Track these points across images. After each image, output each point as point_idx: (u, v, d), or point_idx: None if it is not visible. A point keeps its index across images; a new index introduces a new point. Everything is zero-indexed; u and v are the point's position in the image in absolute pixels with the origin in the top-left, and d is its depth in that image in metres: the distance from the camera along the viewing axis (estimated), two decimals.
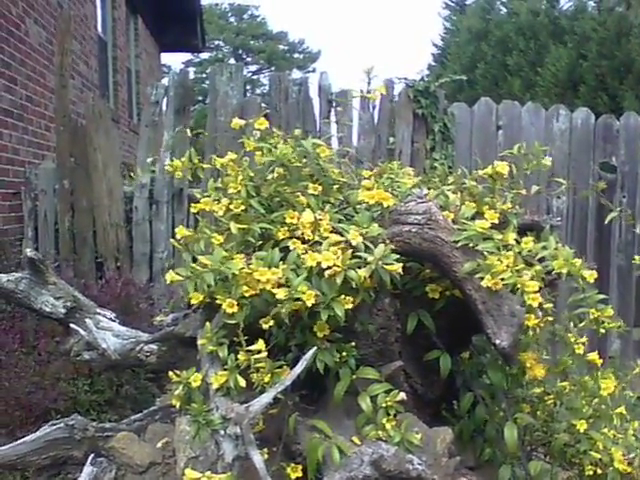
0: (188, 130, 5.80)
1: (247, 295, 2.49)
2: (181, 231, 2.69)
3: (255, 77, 28.08)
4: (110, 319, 3.16)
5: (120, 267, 6.50)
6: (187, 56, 24.75)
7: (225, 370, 2.45)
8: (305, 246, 2.62)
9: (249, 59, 27.55)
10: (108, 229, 6.48)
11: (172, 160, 2.99)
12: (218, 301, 2.51)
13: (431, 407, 3.07)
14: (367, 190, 2.57)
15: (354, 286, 2.41)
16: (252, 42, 28.21)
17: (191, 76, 8.25)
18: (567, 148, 6.96)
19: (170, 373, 2.55)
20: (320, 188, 2.78)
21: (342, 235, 2.54)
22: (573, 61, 12.08)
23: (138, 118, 10.62)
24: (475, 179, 2.86)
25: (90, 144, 6.48)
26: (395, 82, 6.83)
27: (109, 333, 2.99)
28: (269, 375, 2.46)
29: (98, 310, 3.15)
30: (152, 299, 6.06)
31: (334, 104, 6.73)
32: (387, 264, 2.40)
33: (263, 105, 6.69)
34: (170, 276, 2.56)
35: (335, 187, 2.89)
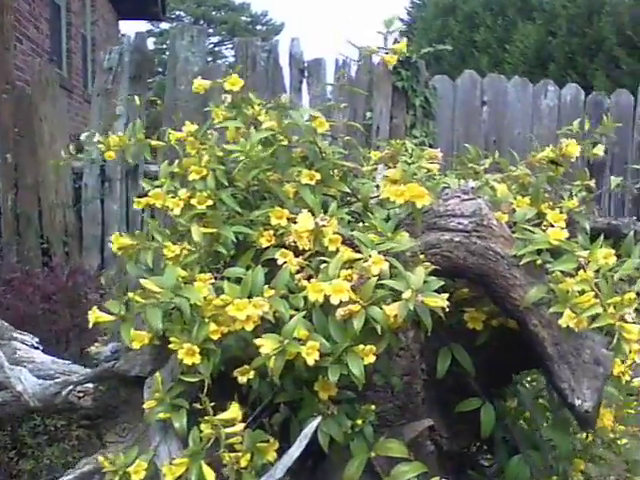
0: (140, 99, 4.85)
1: (216, 337, 1.57)
2: (118, 240, 1.76)
3: (217, 49, 26.68)
4: (32, 346, 2.22)
5: (68, 252, 5.53)
6: (147, 26, 23.17)
7: (184, 455, 1.53)
8: (300, 260, 1.72)
9: (211, 30, 26.16)
10: (55, 209, 5.49)
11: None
12: (172, 345, 1.59)
13: (454, 460, 2.20)
14: (393, 183, 1.65)
15: (378, 330, 1.51)
16: (214, 13, 26.72)
17: (151, 47, 7.17)
18: (555, 126, 6.11)
19: (100, 458, 1.64)
20: (318, 176, 1.86)
21: (356, 248, 1.63)
22: (542, 38, 11.23)
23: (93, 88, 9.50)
24: (532, 165, 1.96)
25: (35, 114, 5.46)
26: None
27: (26, 370, 2.06)
28: (248, 455, 1.56)
29: (15, 334, 2.21)
30: (103, 288, 5.09)
31: (306, 74, 5.80)
32: (428, 297, 1.49)
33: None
34: (94, 316, 1.63)
35: (337, 174, 1.97)
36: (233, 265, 1.78)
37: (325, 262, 1.63)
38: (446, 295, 1.56)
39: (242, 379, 1.63)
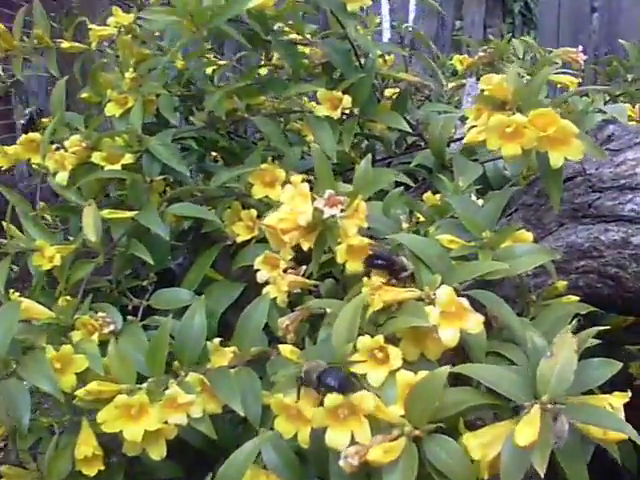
0: None
1: (94, 473, 0.66)
2: None
3: None
4: None
5: None
6: None
7: None
8: (299, 278, 0.77)
9: None
10: None
11: None
12: None
13: None
14: (496, 109, 0.65)
15: None
16: None
17: None
18: None
19: None
20: (348, 101, 0.89)
21: (400, 271, 0.65)
22: None
23: None
24: None
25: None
26: None
27: None
28: None
29: None
30: None
31: None
32: (589, 420, 0.51)
33: None
34: None
35: (387, 97, 0.99)
36: (168, 283, 0.85)
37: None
38: (624, 397, 0.59)
39: None
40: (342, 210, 0.67)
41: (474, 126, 0.68)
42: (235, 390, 0.67)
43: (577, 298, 0.70)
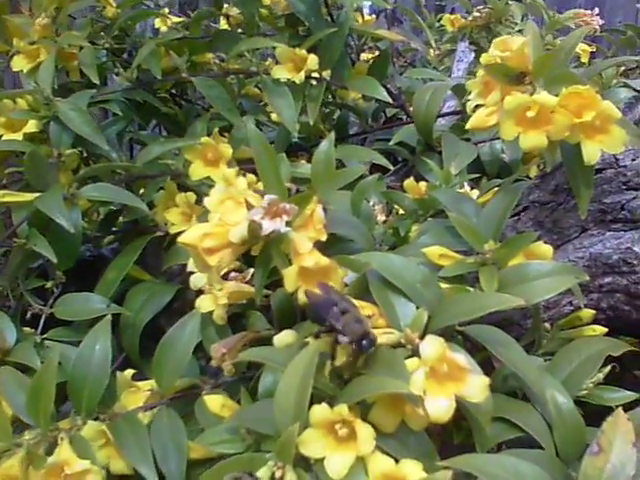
0: None
1: None
2: None
3: None
4: None
5: None
6: None
7: None
8: (244, 286, 0.57)
9: None
10: None
11: None
12: None
13: None
14: (507, 81, 0.46)
15: None
16: None
17: None
18: None
19: None
20: (314, 62, 0.68)
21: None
22: None
23: None
24: None
25: None
26: None
27: None
28: None
29: None
30: None
31: None
32: None
33: None
34: None
35: (364, 61, 0.79)
36: (95, 274, 0.66)
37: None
38: None
39: None
40: (288, 223, 0.47)
41: (480, 105, 0.48)
42: (146, 447, 0.48)
43: (604, 329, 0.51)
